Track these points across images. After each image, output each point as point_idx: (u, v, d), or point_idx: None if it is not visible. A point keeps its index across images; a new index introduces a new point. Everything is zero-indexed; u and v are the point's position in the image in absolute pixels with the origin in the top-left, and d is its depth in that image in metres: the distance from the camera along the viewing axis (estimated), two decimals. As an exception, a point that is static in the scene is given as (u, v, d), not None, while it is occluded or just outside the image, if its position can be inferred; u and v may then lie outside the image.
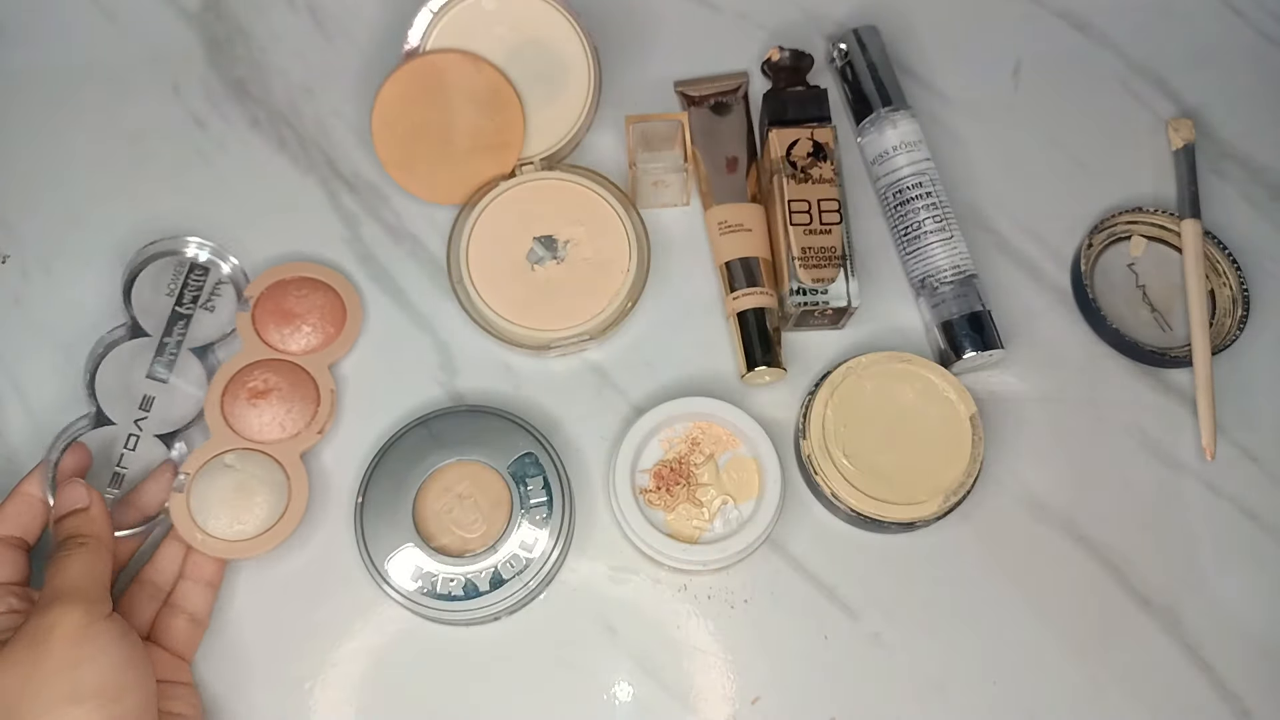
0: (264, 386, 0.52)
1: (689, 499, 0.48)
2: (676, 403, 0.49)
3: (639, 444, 0.49)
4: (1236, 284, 0.54)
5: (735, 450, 0.49)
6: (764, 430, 0.48)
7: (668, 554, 0.47)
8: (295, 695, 0.49)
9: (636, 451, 0.49)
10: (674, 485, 0.49)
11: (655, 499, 0.49)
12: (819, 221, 0.52)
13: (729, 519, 0.48)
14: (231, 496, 0.50)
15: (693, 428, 0.50)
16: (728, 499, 0.49)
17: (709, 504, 0.49)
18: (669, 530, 0.48)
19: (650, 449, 0.49)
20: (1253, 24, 0.59)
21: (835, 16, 0.59)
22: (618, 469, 0.48)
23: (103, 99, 0.58)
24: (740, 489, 0.49)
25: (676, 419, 0.49)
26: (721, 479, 0.49)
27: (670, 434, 0.50)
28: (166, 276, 0.53)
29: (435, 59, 0.54)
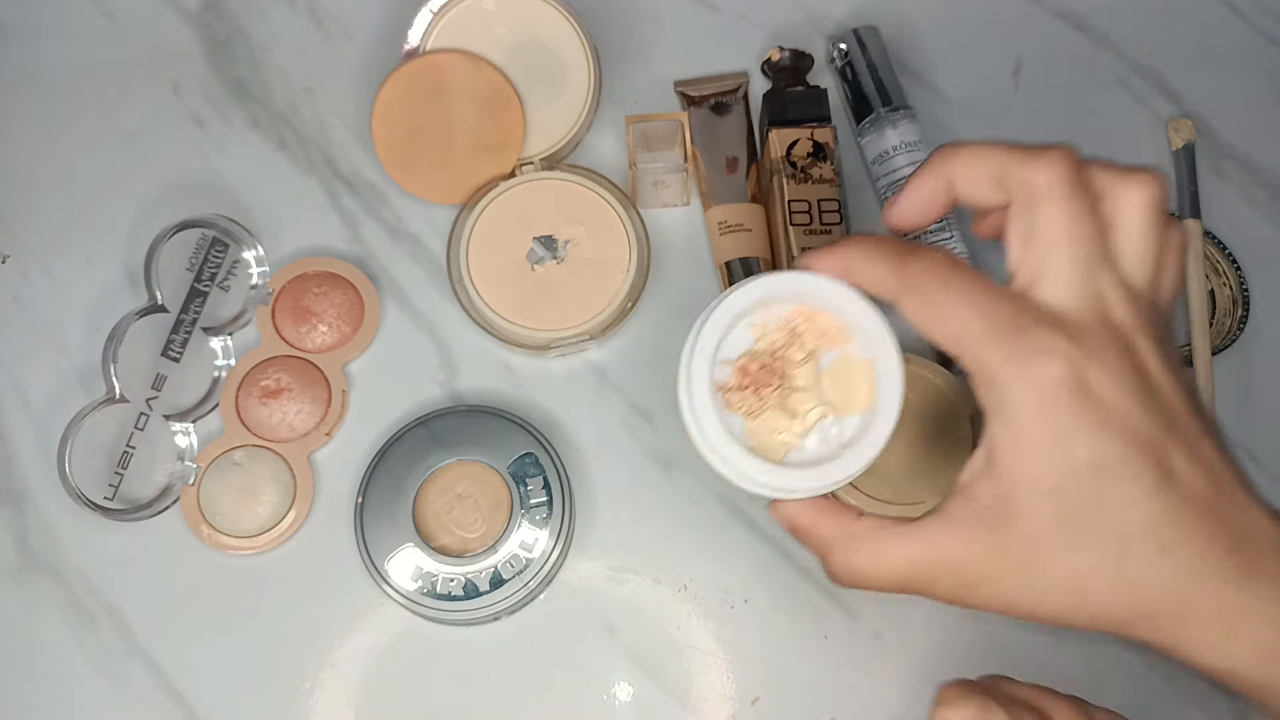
0: (276, 386, 0.52)
1: (779, 405, 0.37)
2: (777, 277, 0.36)
3: (726, 326, 0.36)
4: (1236, 284, 0.54)
5: (844, 349, 0.36)
6: (887, 326, 0.35)
7: (747, 472, 0.35)
8: (295, 695, 0.49)
9: (721, 335, 0.36)
10: (763, 386, 0.37)
11: (737, 400, 0.37)
12: (819, 222, 0.52)
13: (827, 436, 0.36)
14: (238, 495, 0.51)
15: (794, 313, 0.37)
16: (828, 410, 0.36)
17: (803, 414, 0.37)
18: (749, 441, 0.36)
19: (736, 335, 0.37)
20: (1253, 24, 0.59)
21: (835, 16, 0.59)
22: (695, 354, 0.36)
23: (102, 99, 0.58)
24: (844, 399, 0.37)
25: (775, 300, 0.36)
26: (821, 384, 0.37)
27: (764, 317, 0.37)
28: (188, 251, 0.53)
29: (435, 59, 0.54)
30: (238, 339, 0.54)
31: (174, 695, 0.50)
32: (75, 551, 0.51)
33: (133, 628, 0.50)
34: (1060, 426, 0.29)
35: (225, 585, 0.51)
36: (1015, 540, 0.30)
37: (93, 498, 0.50)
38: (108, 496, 0.50)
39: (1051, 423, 0.29)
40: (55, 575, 0.51)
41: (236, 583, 0.51)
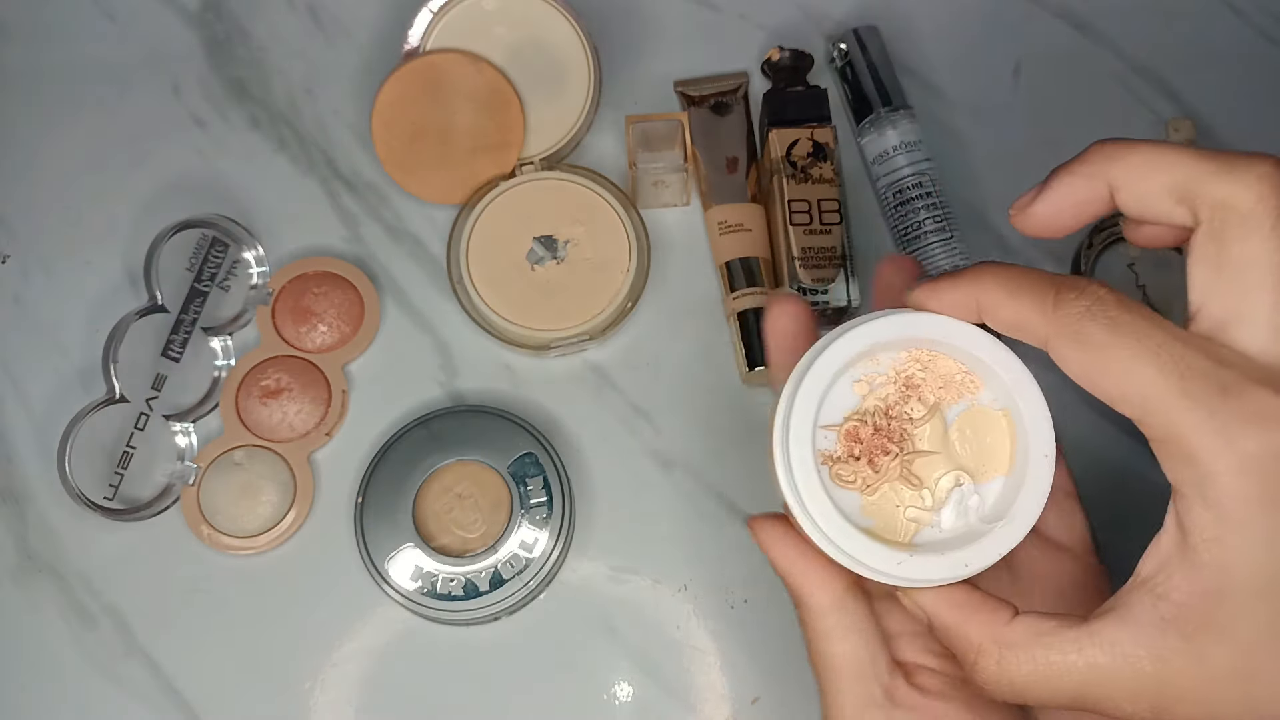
0: (276, 386, 0.52)
1: (901, 475, 0.30)
2: (883, 320, 0.29)
3: (826, 384, 0.29)
4: (1236, 284, 0.54)
5: (973, 398, 0.30)
6: (1023, 366, 0.29)
7: (868, 563, 0.28)
8: (294, 695, 0.49)
9: (821, 396, 0.29)
10: (880, 452, 0.30)
11: (848, 473, 0.30)
12: (819, 222, 0.52)
13: (964, 508, 0.30)
14: (238, 495, 0.51)
15: (907, 360, 0.30)
16: (963, 475, 0.30)
17: (932, 483, 0.30)
18: (867, 523, 0.30)
19: (838, 393, 0.30)
20: (1253, 24, 0.59)
21: (835, 16, 0.59)
22: (793, 422, 0.29)
23: (102, 99, 0.58)
24: (981, 461, 0.30)
25: (883, 346, 0.29)
26: (951, 443, 0.30)
27: (871, 369, 0.30)
28: (188, 250, 0.53)
29: (435, 59, 0.54)
30: (238, 339, 0.54)
31: (174, 695, 0.50)
32: (75, 552, 0.51)
33: (133, 628, 0.50)
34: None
35: (225, 585, 0.51)
36: (1224, 650, 0.24)
37: (93, 498, 0.50)
38: (108, 496, 0.50)
39: (1273, 507, 0.24)
40: (55, 575, 0.51)
41: (236, 583, 0.51)
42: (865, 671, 0.29)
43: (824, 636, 0.29)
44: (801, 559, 0.30)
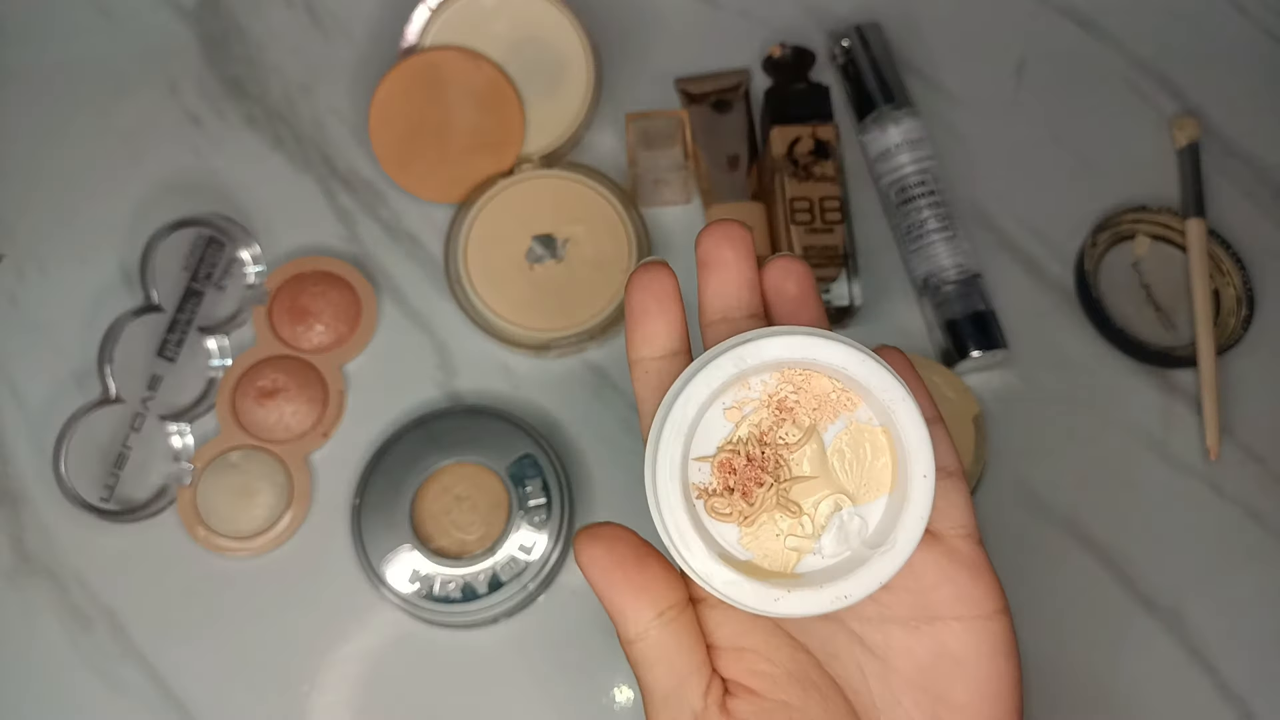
0: (272, 387, 0.52)
1: (778, 504, 0.28)
2: (751, 344, 0.27)
3: (694, 418, 0.28)
4: (1240, 283, 0.53)
5: (851, 415, 0.28)
6: (896, 379, 0.27)
7: (745, 601, 0.27)
8: (291, 698, 0.49)
9: (689, 430, 0.28)
10: (754, 485, 0.28)
11: (723, 507, 0.28)
12: (821, 220, 0.51)
13: (847, 532, 0.28)
14: (234, 496, 0.50)
15: (779, 382, 0.28)
16: (843, 499, 0.28)
17: (812, 509, 0.28)
18: (747, 557, 0.28)
19: (710, 423, 0.28)
20: (1258, 23, 0.59)
21: (838, 13, 0.58)
22: (660, 462, 0.28)
23: (98, 96, 0.58)
24: (862, 480, 0.28)
25: (753, 370, 0.28)
26: (830, 465, 0.28)
27: (742, 395, 0.28)
28: (184, 249, 0.53)
29: (433, 56, 0.54)
30: (234, 339, 0.54)
31: (170, 697, 0.49)
32: (71, 553, 0.51)
33: (129, 629, 0.50)
34: None
35: (221, 587, 0.51)
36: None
37: (88, 499, 0.49)
38: (103, 498, 0.50)
39: None
40: (51, 577, 0.51)
41: (233, 585, 0.51)
42: (673, 701, 0.28)
43: (635, 664, 0.29)
44: (611, 585, 0.28)
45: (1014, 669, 0.28)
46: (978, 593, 0.28)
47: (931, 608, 0.28)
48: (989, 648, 0.28)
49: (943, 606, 0.28)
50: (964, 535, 0.28)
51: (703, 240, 0.29)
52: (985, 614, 0.28)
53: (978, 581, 0.28)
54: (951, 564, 0.28)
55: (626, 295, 0.30)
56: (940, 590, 0.28)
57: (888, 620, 0.28)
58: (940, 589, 0.28)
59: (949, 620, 0.28)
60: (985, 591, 0.28)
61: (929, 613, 0.28)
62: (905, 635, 0.28)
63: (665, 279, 0.29)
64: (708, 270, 0.29)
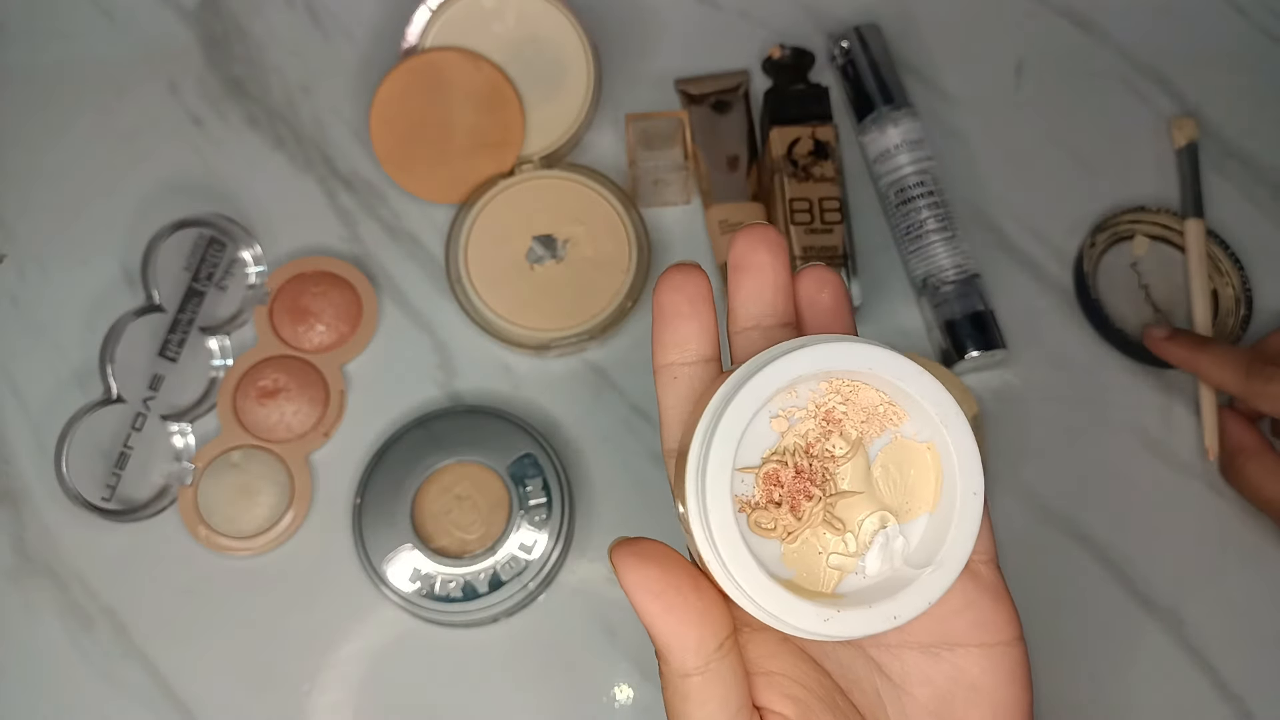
0: (273, 386, 0.52)
1: (824, 520, 0.27)
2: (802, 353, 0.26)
3: (744, 424, 0.26)
4: (1239, 283, 0.54)
5: (896, 430, 0.27)
6: (949, 396, 0.26)
7: (792, 621, 0.25)
8: (292, 698, 0.49)
9: (739, 440, 0.26)
10: (801, 496, 0.27)
11: (767, 520, 0.27)
12: (820, 220, 0.51)
13: (889, 551, 0.27)
14: (235, 496, 0.51)
15: (827, 392, 0.27)
16: (888, 517, 0.27)
17: (856, 526, 0.27)
18: (788, 574, 0.27)
19: (755, 431, 0.27)
20: (1256, 23, 0.59)
21: (837, 14, 0.58)
22: (710, 472, 0.25)
23: (99, 97, 0.58)
24: (906, 497, 0.27)
25: (801, 378, 0.26)
26: (875, 481, 0.27)
27: (790, 402, 0.27)
28: (185, 249, 0.53)
29: (434, 57, 0.54)
30: (235, 339, 0.54)
31: (171, 697, 0.49)
32: (72, 552, 0.51)
33: (130, 629, 0.50)
34: None
35: (222, 586, 0.51)
36: None
37: (90, 498, 0.49)
38: (105, 497, 0.50)
39: None
40: (52, 576, 0.51)
41: (234, 584, 0.51)
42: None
43: (684, 698, 0.26)
44: (670, 614, 0.25)
45: (1028, 697, 0.28)
46: (998, 619, 0.27)
47: (952, 634, 0.27)
48: (1006, 675, 0.27)
49: (963, 633, 0.27)
50: (986, 560, 0.28)
51: (737, 243, 0.28)
52: (1004, 641, 0.27)
53: (998, 607, 0.27)
54: (975, 589, 0.27)
55: (656, 296, 0.28)
56: (963, 616, 0.27)
57: (907, 646, 0.27)
58: (963, 614, 0.27)
59: (969, 647, 0.27)
60: (1005, 618, 0.27)
61: (949, 639, 0.27)
62: (924, 662, 0.27)
63: (699, 280, 0.28)
64: (741, 274, 0.28)
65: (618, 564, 0.26)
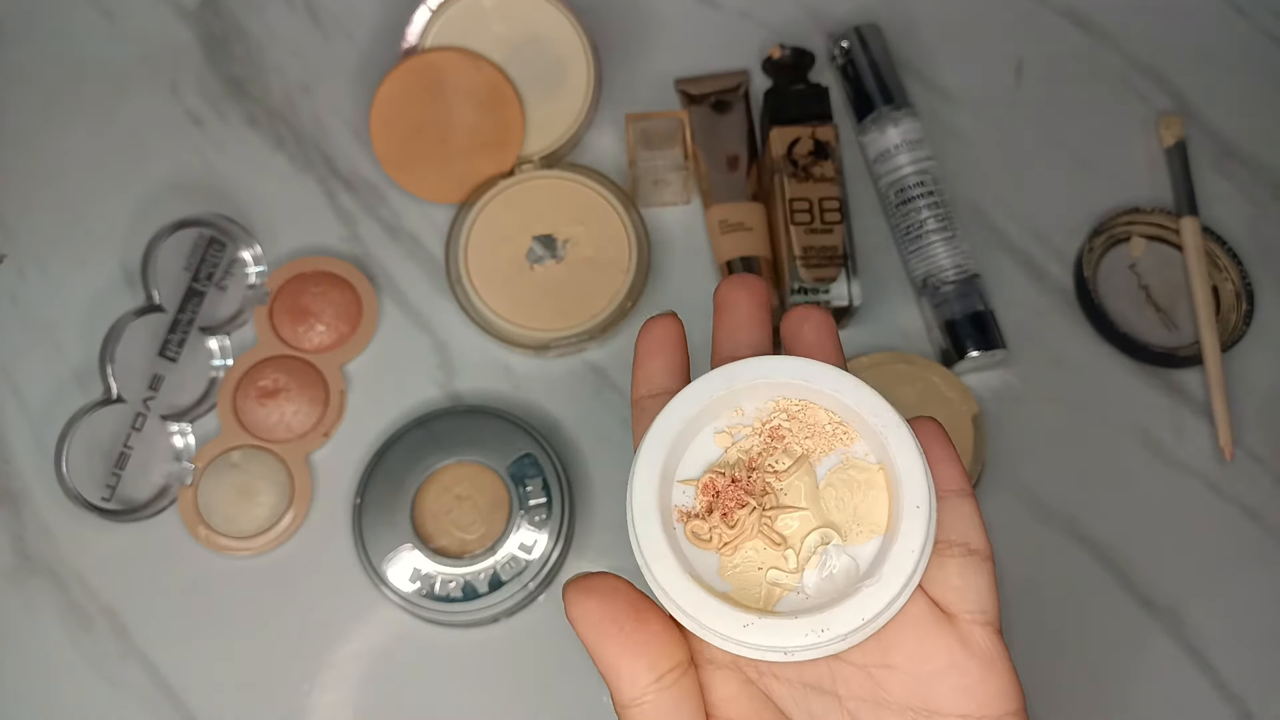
0: (273, 386, 0.52)
1: (761, 532, 0.26)
2: (748, 364, 0.27)
3: (676, 434, 0.27)
4: (1239, 279, 0.54)
5: (847, 450, 0.27)
6: (899, 417, 0.26)
7: (720, 630, 0.25)
8: (292, 697, 0.49)
9: (671, 447, 0.27)
10: (736, 508, 0.27)
11: (704, 531, 0.27)
12: (820, 220, 0.51)
13: (832, 570, 0.26)
14: (235, 496, 0.51)
15: (773, 410, 0.27)
16: (831, 533, 0.26)
17: (797, 542, 0.26)
18: (724, 587, 0.26)
19: (699, 446, 0.27)
20: (1255, 23, 0.59)
21: (837, 14, 0.58)
22: (638, 480, 0.26)
23: (100, 97, 0.58)
24: (855, 517, 0.27)
25: (745, 392, 0.27)
26: (822, 499, 0.27)
27: (735, 420, 0.28)
28: (185, 250, 0.53)
29: (434, 57, 0.54)
30: (235, 339, 0.54)
31: (171, 696, 0.49)
32: (72, 552, 0.51)
33: (130, 629, 0.50)
34: None
35: (222, 586, 0.51)
36: None
37: (90, 498, 0.49)
38: (105, 497, 0.50)
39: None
40: (52, 576, 0.51)
41: (234, 584, 0.51)
42: None
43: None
44: (605, 642, 0.25)
45: None
46: (988, 690, 0.25)
47: (932, 698, 0.25)
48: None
49: (946, 699, 0.25)
50: (982, 622, 0.25)
51: (719, 290, 0.30)
52: (995, 715, 0.25)
53: (989, 676, 0.25)
54: (962, 651, 0.25)
55: (636, 344, 0.30)
56: (945, 679, 0.25)
57: (884, 705, 0.25)
58: (945, 678, 0.25)
59: (951, 717, 0.25)
60: (998, 690, 0.25)
61: (929, 704, 0.25)
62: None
63: (670, 325, 0.29)
64: (720, 314, 0.30)
65: (565, 598, 0.26)
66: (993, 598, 0.26)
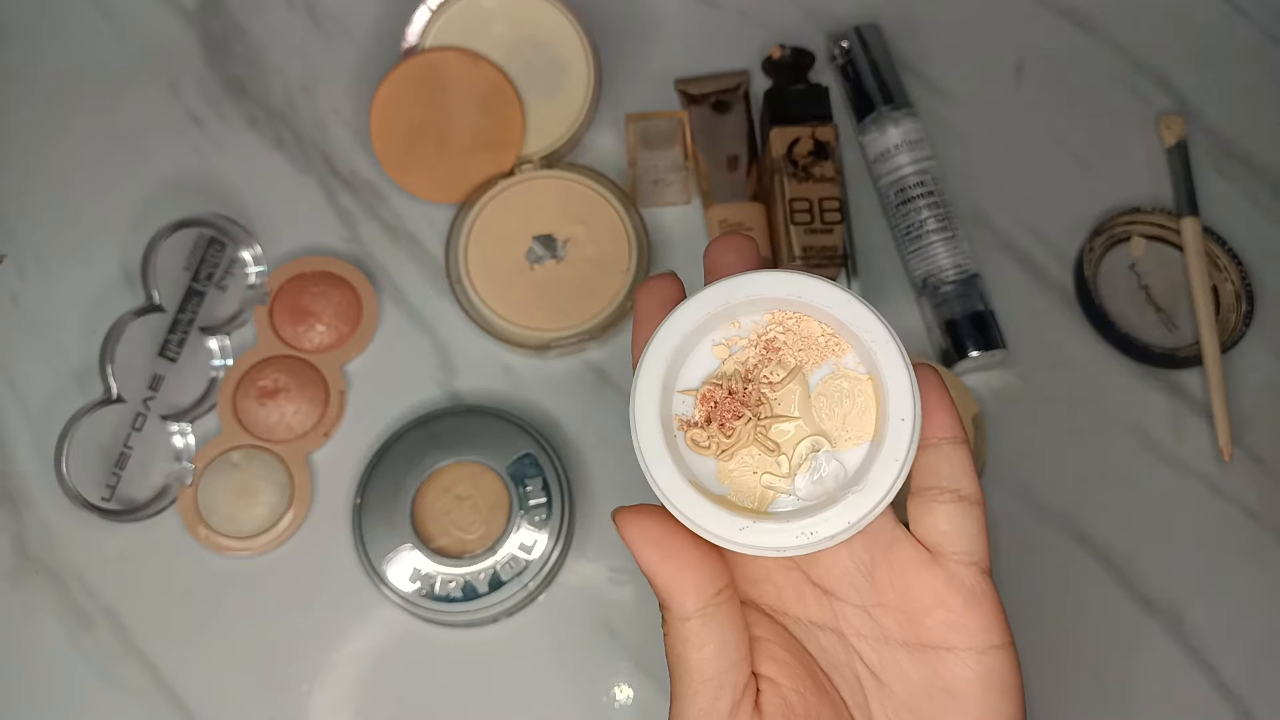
0: (273, 386, 0.52)
1: (756, 440, 0.28)
2: (745, 279, 0.28)
3: (676, 347, 0.28)
4: (1239, 279, 0.54)
5: (838, 361, 0.28)
6: (889, 331, 0.27)
7: (717, 531, 0.27)
8: (292, 697, 0.49)
9: (671, 359, 0.28)
10: (733, 419, 0.28)
11: (703, 439, 0.28)
12: (820, 220, 0.51)
13: (822, 475, 0.28)
14: (235, 496, 0.51)
15: (769, 322, 0.29)
16: (821, 441, 0.28)
17: (790, 448, 0.28)
18: (722, 490, 0.28)
19: (697, 358, 0.29)
20: (1256, 23, 0.59)
21: (837, 14, 0.58)
22: (640, 391, 0.28)
23: (100, 97, 0.58)
24: (844, 425, 0.28)
25: (743, 306, 0.28)
26: (813, 408, 0.28)
27: (732, 333, 0.29)
28: (185, 250, 0.53)
29: (434, 57, 0.54)
30: (235, 339, 0.54)
31: (171, 696, 0.49)
32: (72, 552, 0.51)
33: (130, 629, 0.50)
34: None
35: (222, 586, 0.51)
36: None
37: (90, 498, 0.49)
38: (105, 497, 0.50)
39: None
40: (52, 576, 0.51)
41: (234, 584, 0.51)
42: (717, 681, 0.27)
43: (684, 641, 0.27)
44: (668, 561, 0.27)
45: (1014, 709, 0.27)
46: (973, 623, 0.27)
47: (923, 633, 0.27)
48: (984, 684, 0.26)
49: (935, 633, 0.27)
50: (968, 563, 0.27)
51: (708, 250, 0.31)
52: (980, 647, 0.27)
53: (974, 611, 0.27)
54: (948, 589, 0.27)
55: (635, 304, 0.30)
56: (933, 615, 0.27)
57: (884, 640, 0.28)
58: (933, 613, 0.27)
59: (941, 650, 0.27)
60: (982, 623, 0.27)
61: (920, 638, 0.27)
62: (901, 657, 0.27)
63: (669, 284, 0.30)
64: (711, 276, 0.30)
65: (619, 521, 0.28)
66: (981, 542, 0.27)
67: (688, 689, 0.27)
